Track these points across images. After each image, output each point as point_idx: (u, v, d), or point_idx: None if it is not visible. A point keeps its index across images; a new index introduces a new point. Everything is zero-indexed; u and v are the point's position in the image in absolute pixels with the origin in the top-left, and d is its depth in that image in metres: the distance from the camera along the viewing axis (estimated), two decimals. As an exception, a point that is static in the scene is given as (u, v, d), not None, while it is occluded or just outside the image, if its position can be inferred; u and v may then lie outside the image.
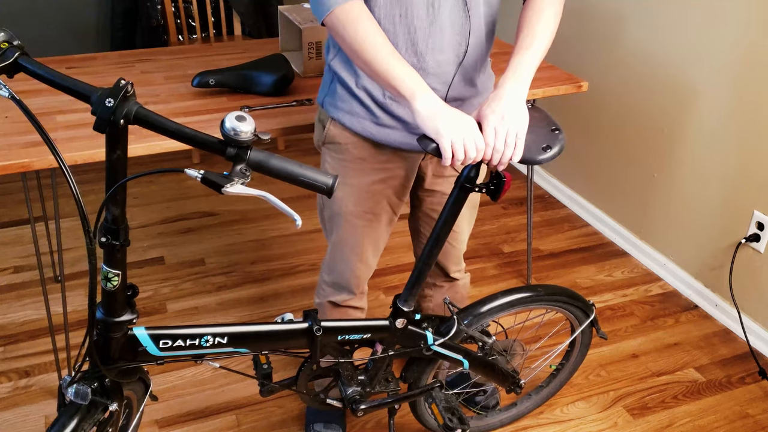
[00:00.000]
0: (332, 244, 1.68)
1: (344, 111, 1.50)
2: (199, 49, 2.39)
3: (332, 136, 1.54)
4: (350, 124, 1.50)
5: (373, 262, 1.71)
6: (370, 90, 1.45)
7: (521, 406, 1.97)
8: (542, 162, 1.31)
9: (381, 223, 1.63)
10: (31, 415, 1.95)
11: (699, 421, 2.03)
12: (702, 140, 2.39)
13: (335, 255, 1.68)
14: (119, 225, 1.08)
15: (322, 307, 1.79)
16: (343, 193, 1.57)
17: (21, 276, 2.52)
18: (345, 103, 1.49)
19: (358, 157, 1.53)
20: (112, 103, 0.98)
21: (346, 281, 1.71)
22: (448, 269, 1.81)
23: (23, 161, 1.61)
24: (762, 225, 2.23)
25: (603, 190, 2.90)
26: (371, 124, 1.48)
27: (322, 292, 1.77)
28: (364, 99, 1.46)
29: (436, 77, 1.44)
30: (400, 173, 1.57)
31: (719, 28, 2.25)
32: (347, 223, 1.61)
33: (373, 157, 1.53)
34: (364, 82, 1.45)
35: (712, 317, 2.46)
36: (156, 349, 1.25)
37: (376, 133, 1.49)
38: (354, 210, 1.59)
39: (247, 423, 1.96)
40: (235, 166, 0.99)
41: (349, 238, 1.63)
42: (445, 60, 1.43)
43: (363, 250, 1.66)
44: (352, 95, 1.47)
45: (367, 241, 1.64)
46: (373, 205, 1.59)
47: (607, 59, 2.72)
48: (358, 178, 1.55)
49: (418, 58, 1.41)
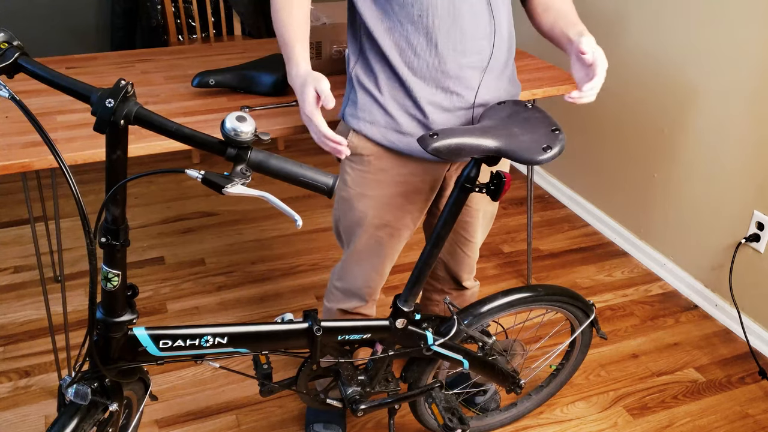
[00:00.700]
0: (348, 253, 1.65)
1: (366, 121, 1.47)
2: (199, 49, 2.39)
3: (354, 147, 1.50)
4: (372, 134, 1.47)
5: (387, 273, 1.69)
6: (393, 95, 1.43)
7: (521, 406, 1.97)
8: (542, 162, 1.30)
9: (401, 237, 1.61)
10: (31, 415, 1.95)
11: (699, 421, 2.03)
12: (702, 140, 2.39)
13: (350, 264, 1.66)
14: (119, 225, 1.08)
15: (330, 312, 1.77)
16: (364, 205, 1.54)
17: (21, 276, 2.52)
18: (366, 112, 1.47)
19: (380, 169, 1.50)
20: (113, 103, 0.98)
21: (358, 289, 1.69)
22: (461, 278, 1.79)
23: (23, 161, 1.61)
24: (762, 225, 2.23)
25: (603, 190, 2.90)
26: (393, 133, 1.46)
27: (332, 296, 1.75)
28: (388, 105, 1.44)
29: (458, 81, 1.42)
30: (423, 187, 1.54)
31: (719, 28, 2.25)
32: (366, 234, 1.58)
33: (395, 169, 1.50)
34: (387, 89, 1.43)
35: (712, 317, 2.46)
36: (156, 349, 1.25)
37: (397, 142, 1.46)
38: (374, 222, 1.56)
39: (247, 423, 1.96)
40: (236, 167, 0.99)
41: (367, 249, 1.61)
42: (468, 63, 1.41)
43: (380, 262, 1.63)
44: (375, 102, 1.45)
45: (386, 253, 1.62)
46: (394, 219, 1.56)
47: (608, 59, 2.72)
48: (379, 189, 1.52)
49: (438, 60, 1.39)
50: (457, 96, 1.43)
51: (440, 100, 1.43)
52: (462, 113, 1.45)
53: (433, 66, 1.39)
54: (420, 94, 1.42)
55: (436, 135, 1.30)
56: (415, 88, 1.41)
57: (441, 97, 1.42)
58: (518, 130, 1.35)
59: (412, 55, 1.39)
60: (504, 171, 1.38)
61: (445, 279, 1.82)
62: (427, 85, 1.41)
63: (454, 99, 1.43)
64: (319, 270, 2.60)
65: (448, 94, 1.43)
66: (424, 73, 1.40)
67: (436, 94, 1.42)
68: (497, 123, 1.38)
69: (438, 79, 1.41)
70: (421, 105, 1.42)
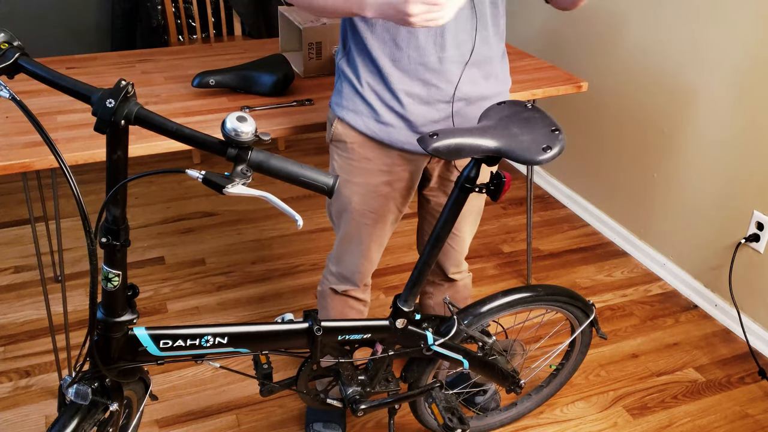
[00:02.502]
0: (339, 238, 1.70)
1: (349, 109, 1.51)
2: (199, 49, 2.39)
3: (338, 134, 1.56)
4: (354, 122, 1.51)
5: (377, 258, 1.73)
6: (373, 86, 1.47)
7: (521, 406, 1.97)
8: (542, 162, 1.31)
9: (386, 223, 1.65)
10: (32, 415, 1.95)
11: (699, 421, 2.03)
12: (702, 140, 2.39)
13: (341, 249, 1.70)
14: (120, 225, 1.08)
15: (323, 294, 1.80)
16: (350, 191, 1.58)
17: (21, 276, 2.52)
18: (349, 101, 1.51)
19: (364, 157, 1.54)
20: (113, 103, 0.98)
21: (350, 273, 1.73)
22: (446, 269, 1.81)
23: (24, 161, 1.61)
24: (762, 225, 2.23)
25: (603, 190, 2.90)
26: (374, 123, 1.49)
27: (326, 281, 1.79)
28: (367, 96, 1.48)
29: (438, 74, 1.44)
30: (405, 176, 1.58)
31: (719, 28, 2.25)
32: (353, 221, 1.62)
33: (379, 158, 1.54)
34: (368, 80, 1.46)
35: (712, 317, 2.46)
36: (156, 349, 1.25)
37: (378, 132, 1.50)
38: (359, 209, 1.60)
39: (247, 423, 1.96)
40: (236, 167, 1.00)
41: (354, 235, 1.65)
42: (448, 57, 1.43)
43: (367, 248, 1.67)
44: (356, 93, 1.49)
45: (372, 239, 1.66)
46: (378, 206, 1.60)
47: (607, 59, 2.73)
48: (363, 177, 1.56)
49: (419, 53, 1.42)
50: (436, 88, 1.46)
51: (419, 92, 1.46)
52: (441, 106, 1.48)
53: (413, 59, 1.42)
54: (398, 86, 1.45)
55: (436, 135, 1.30)
56: (394, 79, 1.44)
57: (420, 89, 1.45)
58: (518, 130, 1.36)
59: (394, 47, 1.42)
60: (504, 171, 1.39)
61: (434, 270, 1.84)
62: (406, 77, 1.44)
63: (433, 91, 1.46)
64: (319, 270, 2.60)
65: (428, 86, 1.45)
66: (404, 65, 1.43)
67: (415, 86, 1.45)
68: (497, 123, 1.38)
69: (418, 71, 1.44)
70: (399, 96, 1.46)
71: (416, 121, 1.48)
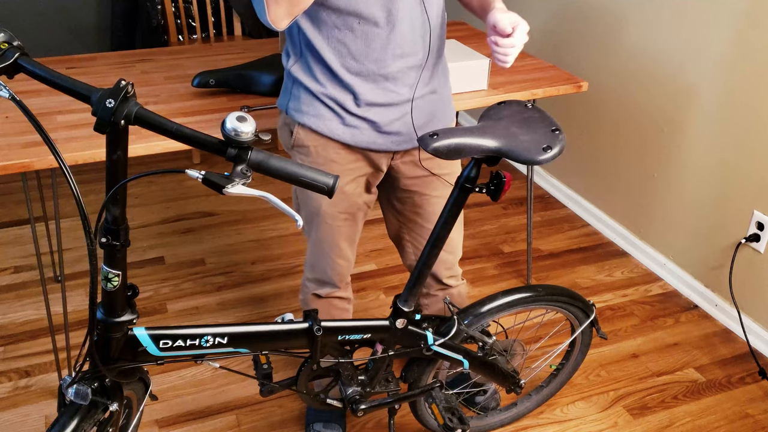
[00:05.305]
0: (311, 243, 1.69)
1: (310, 114, 1.51)
2: (199, 49, 2.39)
3: (300, 139, 1.55)
4: (317, 127, 1.51)
5: (352, 256, 1.73)
6: (334, 96, 1.47)
7: (521, 406, 1.97)
8: (542, 162, 1.31)
9: (357, 221, 1.66)
10: (31, 415, 1.95)
11: (699, 421, 2.03)
12: (702, 140, 2.39)
13: (316, 253, 1.70)
14: (119, 225, 1.08)
15: (306, 302, 1.80)
16: (318, 195, 1.58)
17: (21, 276, 2.52)
18: (310, 107, 1.50)
19: (329, 159, 1.54)
20: (113, 103, 0.98)
21: (328, 277, 1.73)
22: (440, 275, 1.81)
23: (23, 161, 1.61)
24: (762, 225, 2.23)
25: (603, 190, 2.90)
26: (338, 125, 1.50)
27: (305, 289, 1.79)
28: (327, 102, 1.49)
29: (397, 81, 1.47)
30: (368, 170, 1.59)
31: (718, 28, 2.25)
32: (324, 224, 1.62)
33: (344, 159, 1.55)
34: (328, 89, 1.47)
35: (712, 317, 2.46)
36: (156, 349, 1.25)
37: (343, 134, 1.51)
38: (330, 211, 1.60)
39: (247, 423, 1.96)
40: (236, 167, 1.00)
41: (327, 237, 1.65)
42: (406, 64, 1.46)
43: (342, 248, 1.68)
44: (316, 98, 1.49)
45: (345, 239, 1.67)
46: (348, 205, 1.61)
47: (607, 59, 2.72)
48: None
49: (378, 65, 1.44)
50: (395, 93, 1.49)
51: (379, 97, 1.48)
52: (402, 106, 1.52)
53: (372, 70, 1.44)
54: (361, 96, 1.47)
55: (436, 135, 1.30)
56: (355, 87, 1.46)
57: (380, 94, 1.48)
58: (518, 130, 1.36)
59: (352, 60, 1.44)
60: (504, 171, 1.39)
61: (428, 281, 1.83)
62: (366, 84, 1.46)
63: (392, 96, 1.49)
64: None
65: (388, 92, 1.48)
66: (364, 76, 1.45)
67: (376, 93, 1.47)
68: (497, 123, 1.38)
69: (377, 80, 1.46)
70: (360, 103, 1.48)
71: (380, 121, 1.50)
